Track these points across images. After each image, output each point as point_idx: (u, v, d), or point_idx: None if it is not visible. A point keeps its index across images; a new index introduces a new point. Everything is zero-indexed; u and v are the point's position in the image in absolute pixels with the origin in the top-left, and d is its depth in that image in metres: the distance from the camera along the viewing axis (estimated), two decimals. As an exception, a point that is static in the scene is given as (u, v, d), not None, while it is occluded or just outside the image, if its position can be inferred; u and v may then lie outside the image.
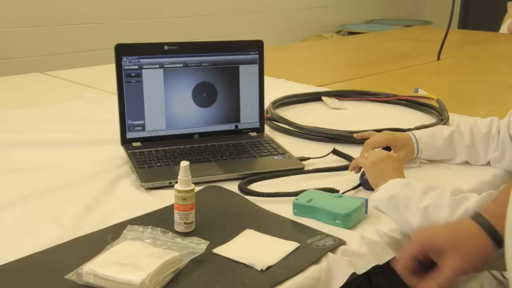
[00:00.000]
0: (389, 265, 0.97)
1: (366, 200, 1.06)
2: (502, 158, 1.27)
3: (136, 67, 1.34)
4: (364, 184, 1.16)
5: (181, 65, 1.38)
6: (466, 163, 1.32)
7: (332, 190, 1.13)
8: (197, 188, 1.05)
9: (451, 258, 0.88)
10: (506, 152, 1.26)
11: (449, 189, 1.02)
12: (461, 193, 1.01)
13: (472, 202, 0.98)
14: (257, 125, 1.47)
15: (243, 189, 1.14)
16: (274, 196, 1.12)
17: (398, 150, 1.29)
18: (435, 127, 1.37)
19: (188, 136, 1.41)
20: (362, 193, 1.16)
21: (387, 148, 1.30)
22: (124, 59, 1.33)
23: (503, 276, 1.12)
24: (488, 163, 1.31)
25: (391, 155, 1.18)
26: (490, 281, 1.14)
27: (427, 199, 1.01)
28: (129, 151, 1.32)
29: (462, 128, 1.32)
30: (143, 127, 1.36)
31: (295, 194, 1.10)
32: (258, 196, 1.12)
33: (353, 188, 1.16)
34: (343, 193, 1.13)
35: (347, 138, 1.45)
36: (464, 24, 5.32)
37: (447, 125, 1.54)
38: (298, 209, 1.05)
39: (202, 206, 1.03)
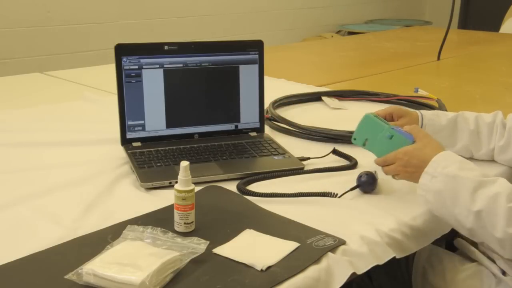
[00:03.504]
0: (390, 264, 0.97)
1: (413, 141, 1.11)
2: (507, 148, 1.28)
3: (136, 67, 1.34)
4: (362, 185, 1.16)
5: (181, 65, 1.38)
6: (467, 156, 1.32)
7: (329, 194, 1.13)
8: (197, 188, 1.05)
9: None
10: None
11: (504, 190, 0.97)
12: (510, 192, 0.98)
13: None
14: (257, 125, 1.47)
15: (241, 189, 1.14)
16: (270, 196, 1.12)
17: (399, 118, 1.29)
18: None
19: (188, 136, 1.41)
20: (360, 195, 1.16)
21: None
22: (124, 59, 1.33)
23: (503, 274, 1.12)
24: (490, 159, 1.32)
25: (399, 152, 1.14)
26: (490, 278, 1.15)
27: (479, 201, 0.98)
28: (129, 151, 1.32)
29: (467, 115, 1.33)
30: (143, 127, 1.36)
31: (291, 195, 1.11)
32: (254, 196, 1.12)
33: (351, 189, 1.15)
34: (341, 195, 1.13)
35: (347, 138, 1.44)
36: (464, 24, 5.32)
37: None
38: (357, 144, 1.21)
39: (202, 206, 1.03)
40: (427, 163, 1.05)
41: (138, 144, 1.36)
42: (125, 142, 1.35)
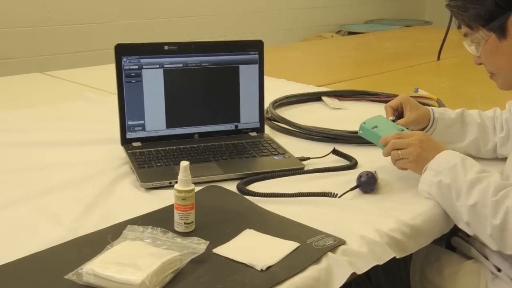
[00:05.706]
0: (388, 262, 0.97)
1: None
2: (507, 139, 1.30)
3: (136, 67, 1.34)
4: (362, 185, 1.16)
5: (181, 65, 1.38)
6: (474, 151, 1.34)
7: (329, 194, 1.13)
8: (197, 188, 1.05)
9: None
10: (511, 132, 1.30)
11: (493, 185, 1.03)
12: (503, 187, 1.03)
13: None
14: (257, 125, 1.47)
15: (241, 189, 1.15)
16: (270, 196, 1.12)
17: (409, 112, 1.30)
18: None
19: (188, 136, 1.41)
20: (360, 195, 1.16)
21: None
22: (124, 59, 1.33)
23: (498, 270, 1.13)
24: (494, 154, 1.34)
25: (414, 143, 1.15)
26: (487, 275, 1.15)
27: (474, 196, 1.03)
28: (129, 151, 1.32)
29: (470, 111, 1.36)
30: (143, 127, 1.36)
31: (291, 195, 1.11)
32: (254, 196, 1.12)
33: (351, 189, 1.15)
34: (341, 195, 1.13)
35: (347, 138, 1.45)
36: (464, 24, 5.31)
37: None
38: (363, 131, 1.25)
39: (202, 206, 1.03)
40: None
41: (138, 144, 1.36)
42: (125, 142, 1.35)
